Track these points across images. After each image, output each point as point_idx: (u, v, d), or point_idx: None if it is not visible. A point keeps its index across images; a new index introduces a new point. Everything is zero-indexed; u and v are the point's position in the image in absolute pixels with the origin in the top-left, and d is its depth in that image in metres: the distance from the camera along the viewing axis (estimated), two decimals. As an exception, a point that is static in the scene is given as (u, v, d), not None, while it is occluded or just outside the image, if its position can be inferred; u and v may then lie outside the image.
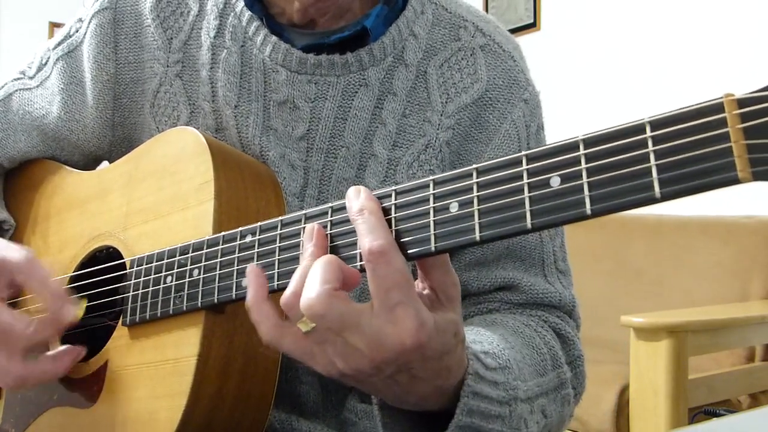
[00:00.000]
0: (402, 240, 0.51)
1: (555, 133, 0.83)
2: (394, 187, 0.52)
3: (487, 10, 3.56)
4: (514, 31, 3.37)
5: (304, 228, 0.56)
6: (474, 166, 0.49)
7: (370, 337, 0.49)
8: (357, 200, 0.52)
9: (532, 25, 3.44)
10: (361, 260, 0.52)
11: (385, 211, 0.52)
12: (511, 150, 0.79)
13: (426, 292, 0.53)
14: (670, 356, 1.70)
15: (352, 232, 0.53)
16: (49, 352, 0.72)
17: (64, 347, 0.71)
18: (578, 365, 0.77)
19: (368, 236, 0.49)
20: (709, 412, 1.84)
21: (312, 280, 0.50)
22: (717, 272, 2.34)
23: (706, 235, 2.43)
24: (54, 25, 4.51)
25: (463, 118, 0.79)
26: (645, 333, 1.75)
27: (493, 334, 0.67)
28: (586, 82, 3.16)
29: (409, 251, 0.50)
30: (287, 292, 0.51)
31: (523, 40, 0.84)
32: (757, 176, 0.35)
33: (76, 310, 0.69)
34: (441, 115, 0.79)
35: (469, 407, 0.56)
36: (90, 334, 0.76)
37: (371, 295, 0.49)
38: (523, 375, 0.65)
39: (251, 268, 0.57)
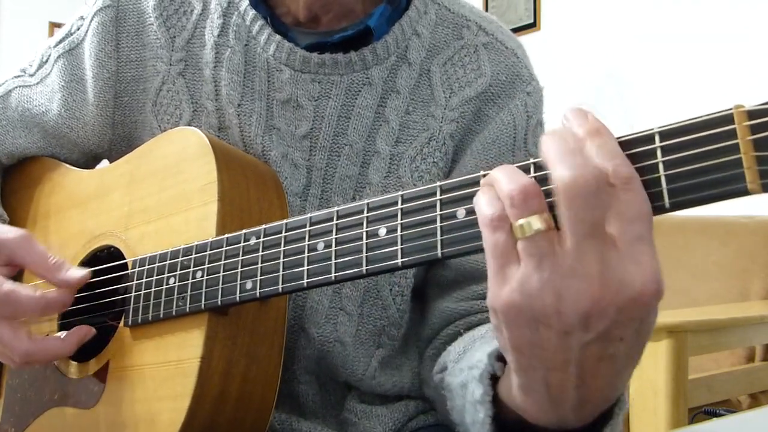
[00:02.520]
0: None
1: (557, 135, 0.83)
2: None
3: (486, 10, 3.55)
4: (514, 31, 3.33)
5: (309, 231, 0.56)
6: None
7: (609, 266, 0.39)
8: (587, 117, 0.43)
9: (532, 25, 3.43)
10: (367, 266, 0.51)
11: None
12: (505, 136, 0.79)
13: None
14: (670, 356, 1.70)
15: (358, 238, 0.52)
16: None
17: (73, 329, 0.71)
18: None
19: (615, 158, 0.41)
20: (709, 412, 1.84)
21: (573, 158, 0.41)
22: (717, 272, 2.34)
23: (706, 235, 2.42)
24: (54, 25, 4.50)
25: (466, 112, 0.79)
26: (645, 333, 1.75)
27: None
28: (586, 82, 3.16)
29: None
30: (521, 180, 0.42)
31: (523, 40, 0.84)
32: (767, 188, 0.35)
33: (82, 272, 0.71)
34: (445, 109, 0.79)
35: None
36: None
37: (610, 228, 0.40)
38: None
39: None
